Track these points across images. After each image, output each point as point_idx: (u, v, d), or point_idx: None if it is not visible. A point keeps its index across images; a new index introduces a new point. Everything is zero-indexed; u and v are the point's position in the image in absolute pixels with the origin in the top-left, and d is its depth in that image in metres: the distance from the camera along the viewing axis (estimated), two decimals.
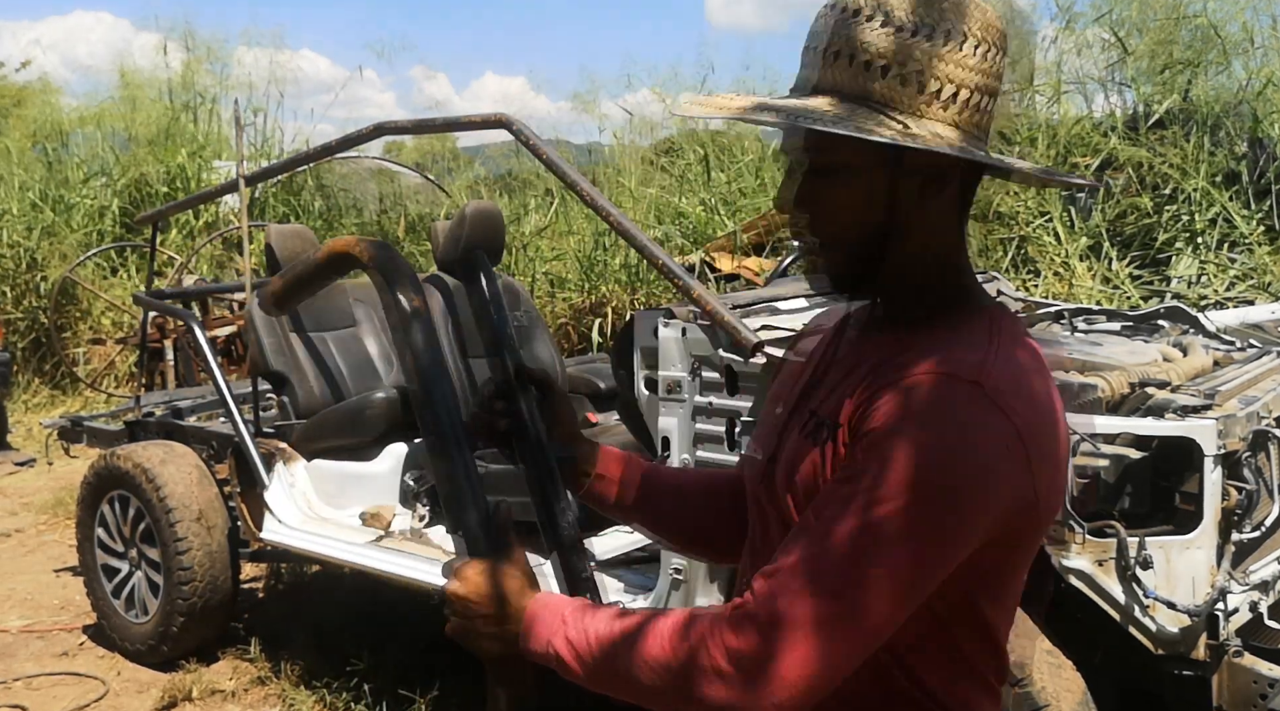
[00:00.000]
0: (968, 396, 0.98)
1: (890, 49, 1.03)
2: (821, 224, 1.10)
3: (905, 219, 1.08)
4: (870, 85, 1.04)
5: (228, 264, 9.54)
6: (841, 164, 1.07)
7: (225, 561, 4.03)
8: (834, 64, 1.05)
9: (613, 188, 8.35)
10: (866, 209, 1.07)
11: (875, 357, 1.08)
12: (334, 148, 4.11)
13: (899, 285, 1.11)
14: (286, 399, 4.16)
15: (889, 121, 1.03)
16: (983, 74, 1.05)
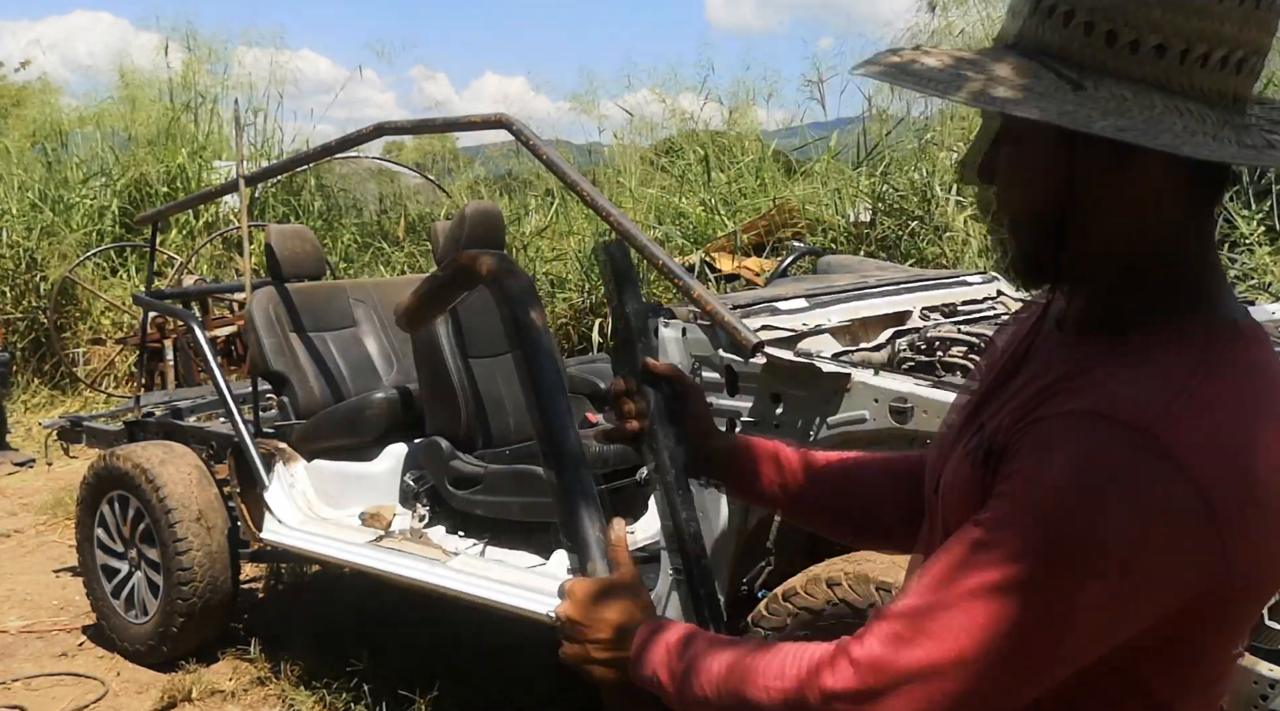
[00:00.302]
0: (1129, 445, 0.81)
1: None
2: (1002, 199, 0.95)
3: (1086, 197, 0.89)
4: (1046, 34, 0.87)
5: (227, 264, 9.54)
6: (1019, 128, 0.91)
7: (225, 561, 4.03)
8: (1020, 8, 0.89)
9: (613, 188, 8.35)
10: (1042, 183, 0.90)
11: (1052, 374, 0.92)
12: (334, 148, 4.11)
13: (1087, 280, 0.94)
14: (286, 399, 4.16)
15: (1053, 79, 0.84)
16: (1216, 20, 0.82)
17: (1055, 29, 0.86)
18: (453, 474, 3.59)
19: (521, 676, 3.78)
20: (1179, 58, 0.83)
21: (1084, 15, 0.84)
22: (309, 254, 4.40)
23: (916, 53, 0.91)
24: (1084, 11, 0.84)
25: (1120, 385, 0.85)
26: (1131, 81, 0.84)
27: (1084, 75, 0.84)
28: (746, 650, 0.96)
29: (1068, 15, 0.85)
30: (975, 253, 5.79)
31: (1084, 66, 0.85)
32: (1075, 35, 0.85)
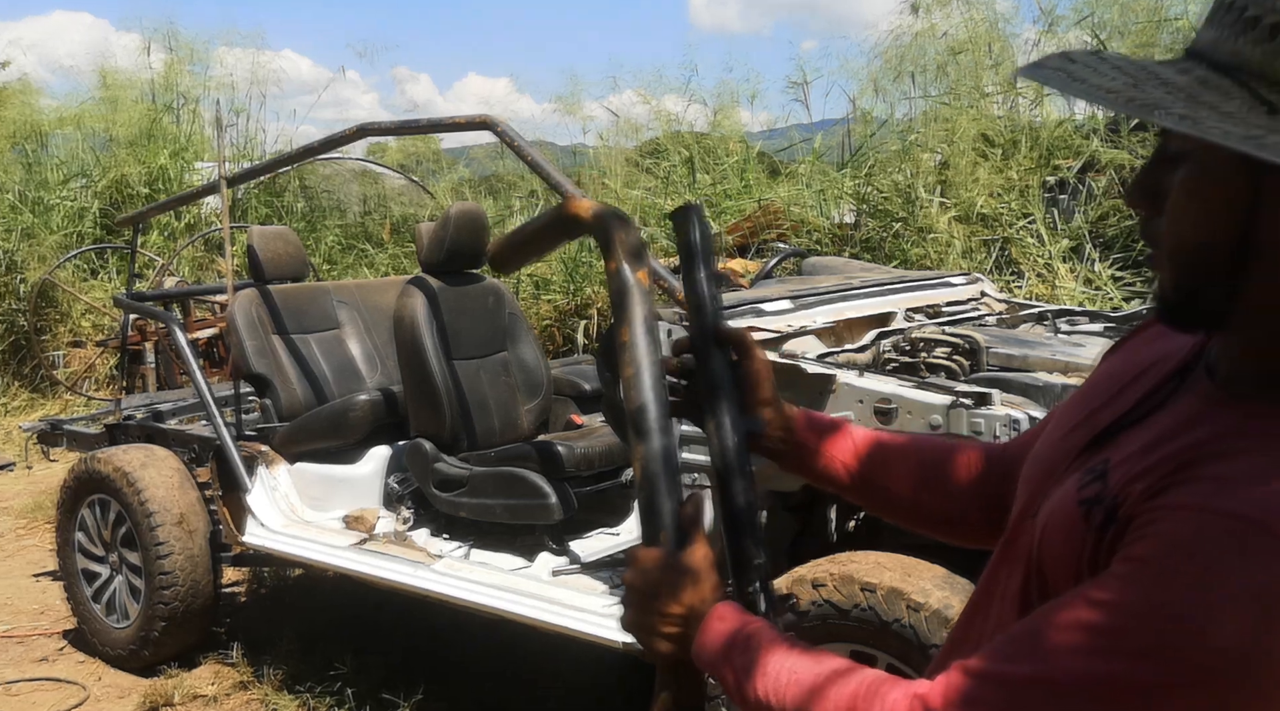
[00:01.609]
0: (1271, 556, 0.71)
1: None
2: (1162, 226, 0.84)
3: (1268, 237, 0.77)
4: (1246, 48, 0.74)
5: (209, 266, 9.49)
6: (1196, 151, 0.79)
7: (207, 565, 4.01)
8: (1223, 17, 0.77)
9: (597, 189, 8.34)
10: (1216, 216, 0.79)
11: (1194, 434, 0.81)
12: (316, 149, 4.09)
13: (1259, 331, 0.81)
14: (269, 401, 4.14)
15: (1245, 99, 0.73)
16: None
17: (1258, 43, 0.74)
18: (437, 476, 3.58)
19: (507, 679, 3.77)
20: None
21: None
22: (291, 255, 4.39)
23: (1091, 57, 0.82)
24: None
25: (1257, 486, 0.74)
26: None
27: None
28: (818, 666, 0.91)
29: (1274, 28, 0.72)
30: (958, 254, 5.82)
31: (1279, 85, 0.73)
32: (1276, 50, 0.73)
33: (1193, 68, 0.78)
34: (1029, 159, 6.36)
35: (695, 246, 1.14)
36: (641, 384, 1.04)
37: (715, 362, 1.11)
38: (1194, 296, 0.83)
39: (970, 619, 1.03)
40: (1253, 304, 0.80)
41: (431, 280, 3.78)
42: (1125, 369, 0.98)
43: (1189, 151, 0.80)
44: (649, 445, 1.03)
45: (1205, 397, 0.86)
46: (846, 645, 2.57)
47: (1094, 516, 0.83)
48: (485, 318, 3.91)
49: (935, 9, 7.96)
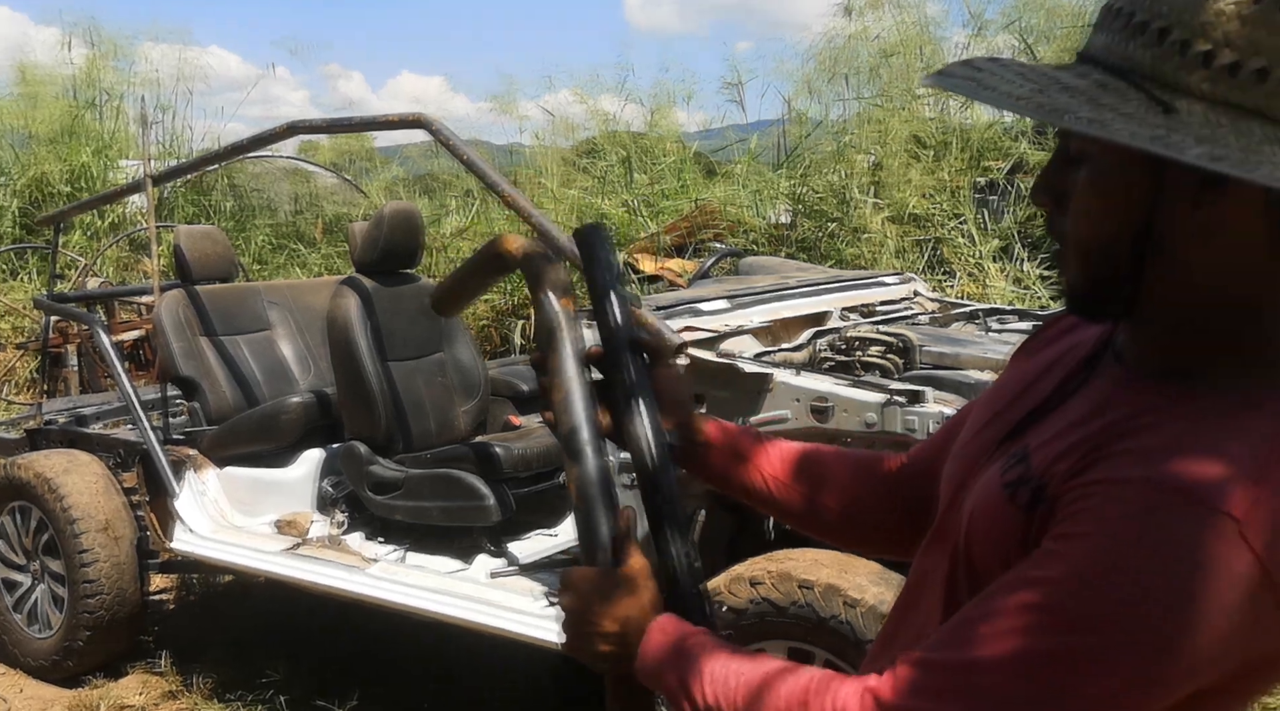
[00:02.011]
0: (1211, 532, 0.74)
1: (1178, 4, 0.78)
2: (1066, 223, 0.88)
3: (1169, 231, 0.82)
4: (1136, 52, 0.79)
5: (134, 266, 9.26)
6: (1098, 152, 0.83)
7: (133, 573, 3.92)
8: (1112, 23, 0.82)
9: (534, 188, 8.31)
10: (1118, 212, 0.83)
11: (1111, 414, 0.85)
12: (245, 147, 4.02)
13: (1157, 319, 0.86)
14: (197, 404, 4.06)
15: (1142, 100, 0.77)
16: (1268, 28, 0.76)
17: (1147, 47, 0.79)
18: (372, 479, 3.54)
19: (443, 684, 3.74)
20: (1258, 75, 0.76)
21: (1181, 33, 0.77)
22: (219, 255, 4.30)
23: (994, 64, 0.84)
24: (1181, 29, 0.77)
25: (1199, 454, 0.77)
26: (1228, 107, 0.76)
27: (1176, 98, 0.77)
28: (764, 666, 0.91)
29: (1162, 32, 0.78)
30: (892, 253, 5.90)
31: (1176, 89, 0.77)
32: (1169, 55, 0.77)
33: (1089, 72, 0.81)
34: (959, 160, 6.48)
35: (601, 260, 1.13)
36: (572, 407, 1.04)
37: (632, 368, 1.09)
38: (1101, 288, 0.87)
39: (903, 614, 1.04)
40: (1156, 293, 0.85)
41: (365, 280, 3.74)
42: (1034, 365, 1.01)
43: (1089, 152, 0.84)
44: (583, 467, 1.03)
45: (1116, 381, 0.89)
46: (784, 642, 2.59)
47: (1019, 497, 0.86)
48: (421, 318, 3.87)
49: (868, 12, 8.07)
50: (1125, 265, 0.84)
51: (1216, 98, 0.77)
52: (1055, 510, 0.81)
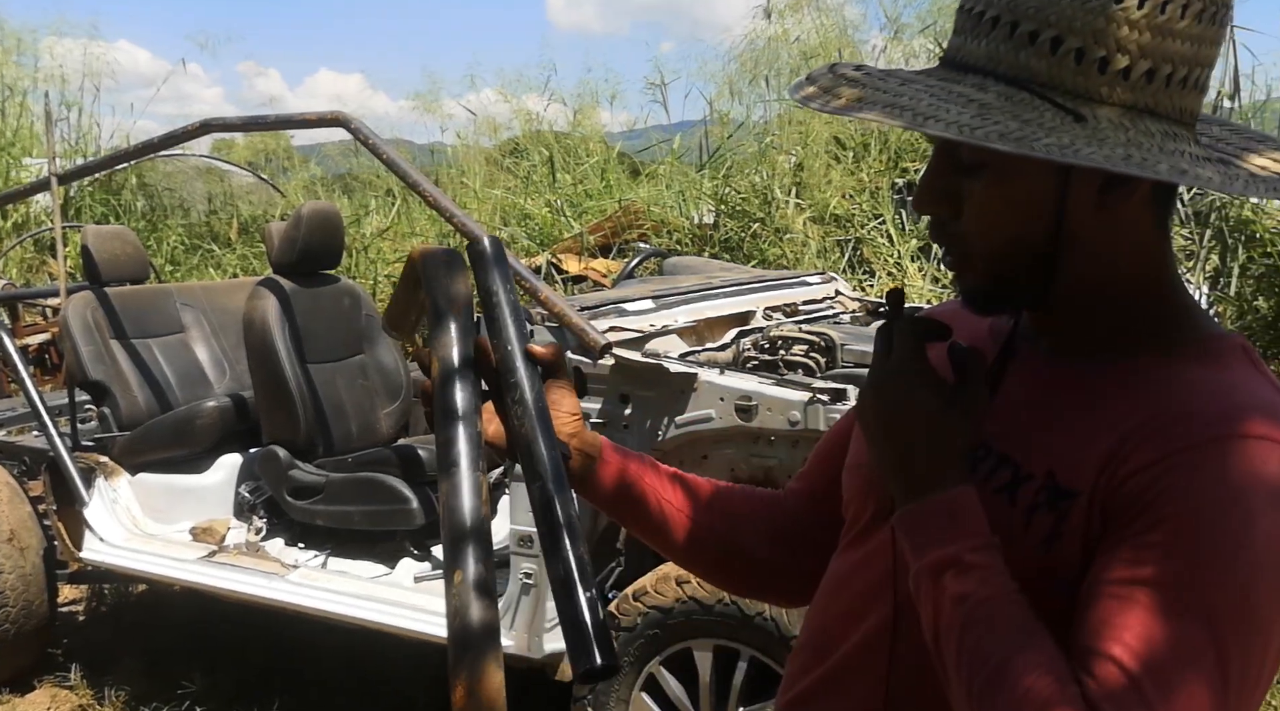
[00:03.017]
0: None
1: (1066, 13, 0.80)
2: (965, 228, 0.89)
3: (1079, 226, 0.86)
4: (1031, 61, 0.82)
5: (40, 268, 8.95)
6: (991, 161, 0.85)
7: (41, 584, 3.80)
8: (990, 32, 0.83)
9: (456, 188, 8.23)
10: (1023, 215, 0.87)
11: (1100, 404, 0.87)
12: (156, 145, 3.93)
13: (1081, 303, 0.90)
14: (108, 410, 3.94)
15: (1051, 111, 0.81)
16: (1192, 41, 0.81)
17: (1040, 56, 0.81)
18: (291, 484, 3.47)
19: (366, 691, 3.69)
20: (1165, 81, 0.82)
21: (1074, 42, 0.80)
22: (130, 256, 4.18)
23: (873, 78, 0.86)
24: (1074, 38, 0.80)
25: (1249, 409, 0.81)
26: (1124, 108, 0.81)
27: (1081, 105, 0.81)
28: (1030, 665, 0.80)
29: (1055, 42, 0.81)
30: (814, 254, 5.98)
31: (1077, 95, 0.81)
32: (1065, 63, 0.81)
33: (987, 84, 0.83)
34: (879, 162, 6.59)
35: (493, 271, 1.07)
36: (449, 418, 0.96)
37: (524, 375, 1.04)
38: (1009, 285, 0.90)
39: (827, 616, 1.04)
40: (1070, 282, 0.89)
41: (283, 281, 3.67)
42: None
43: (989, 160, 0.85)
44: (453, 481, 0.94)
45: (1048, 365, 0.93)
46: (711, 640, 2.60)
47: (1022, 494, 0.87)
48: (341, 319, 3.81)
49: (788, 15, 8.17)
50: (1037, 263, 0.88)
51: (1115, 101, 0.81)
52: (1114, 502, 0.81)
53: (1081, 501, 0.83)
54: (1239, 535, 0.77)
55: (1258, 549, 0.77)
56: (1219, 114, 6.49)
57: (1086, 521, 0.82)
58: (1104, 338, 0.90)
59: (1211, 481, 0.78)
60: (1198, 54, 0.82)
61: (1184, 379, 0.84)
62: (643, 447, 2.61)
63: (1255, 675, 0.78)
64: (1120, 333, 0.90)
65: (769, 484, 2.65)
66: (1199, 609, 0.76)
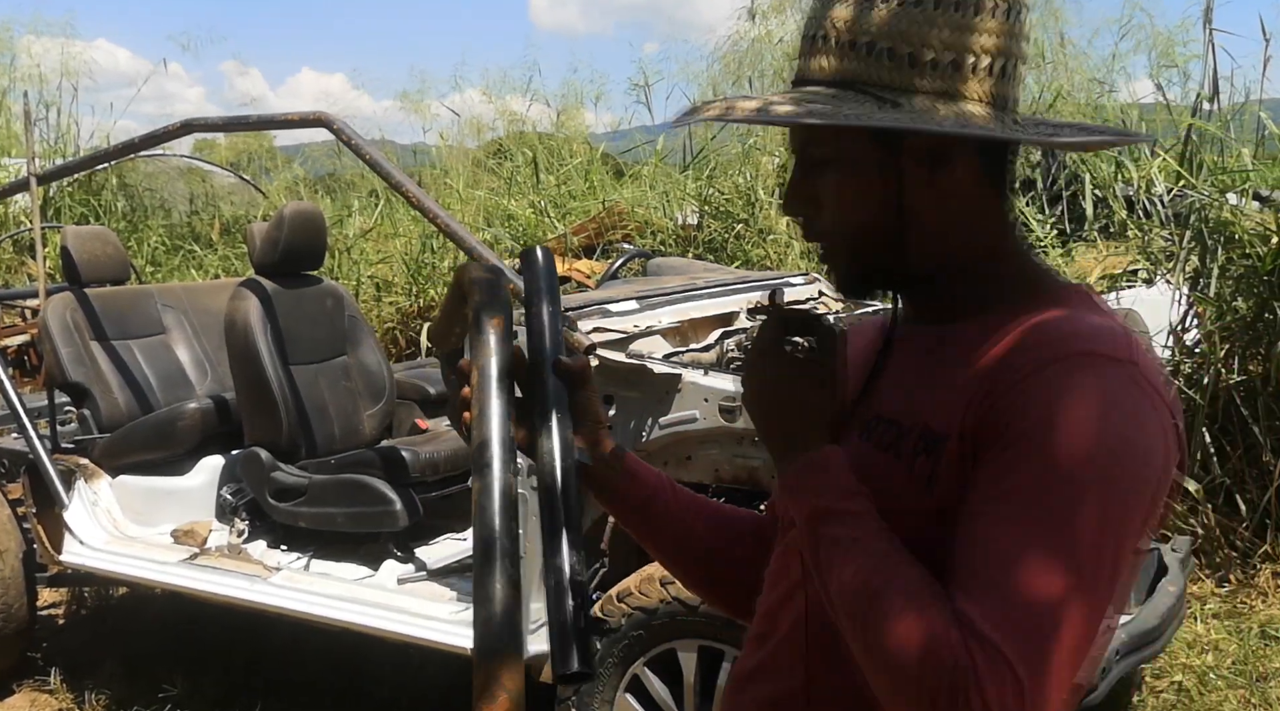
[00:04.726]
0: (1128, 378, 0.89)
1: (875, 21, 0.96)
2: (826, 222, 1.02)
3: (916, 205, 0.98)
4: (856, 65, 0.97)
5: (19, 269, 8.88)
6: (835, 156, 0.99)
7: (20, 587, 3.77)
8: (821, 48, 0.99)
9: (440, 189, 8.21)
10: (869, 200, 0.99)
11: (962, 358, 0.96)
12: (137, 145, 3.91)
13: (935, 274, 1.01)
14: (88, 412, 3.91)
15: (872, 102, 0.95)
16: (992, 35, 0.96)
17: (860, 59, 0.96)
18: (274, 486, 3.45)
19: (350, 694, 3.67)
20: (971, 69, 0.96)
21: (885, 43, 0.95)
22: (110, 256, 4.15)
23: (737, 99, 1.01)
24: (885, 40, 0.95)
25: (1078, 333, 0.92)
26: (934, 95, 0.95)
27: (897, 95, 0.95)
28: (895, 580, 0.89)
29: (869, 46, 0.96)
30: (798, 255, 5.99)
31: (894, 88, 0.96)
32: (881, 63, 0.96)
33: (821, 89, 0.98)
34: None
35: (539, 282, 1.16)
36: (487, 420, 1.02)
37: (550, 387, 1.11)
38: (872, 267, 1.02)
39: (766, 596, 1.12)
40: (921, 257, 1.00)
41: (265, 282, 3.65)
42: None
43: (834, 156, 0.99)
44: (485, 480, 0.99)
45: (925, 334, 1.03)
46: (695, 640, 2.61)
47: (907, 446, 0.96)
48: (323, 320, 3.80)
49: (771, 16, 8.19)
50: (888, 243, 1.00)
51: (924, 90, 0.95)
52: (979, 435, 0.90)
53: (952, 442, 0.92)
54: (1077, 441, 0.86)
55: (1095, 452, 0.85)
56: (1198, 116, 6.56)
57: (960, 458, 0.92)
58: (961, 302, 1.01)
59: (1051, 398, 0.87)
60: (999, 46, 0.96)
61: (1029, 322, 0.94)
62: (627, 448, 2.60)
63: (1110, 566, 0.85)
64: (973, 295, 1.00)
65: (752, 484, 2.66)
66: (1049, 514, 0.85)
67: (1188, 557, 3.21)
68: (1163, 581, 2.97)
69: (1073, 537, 0.84)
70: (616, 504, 1.21)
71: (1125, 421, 0.88)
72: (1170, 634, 2.85)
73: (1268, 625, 3.81)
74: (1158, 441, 0.89)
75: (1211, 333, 4.36)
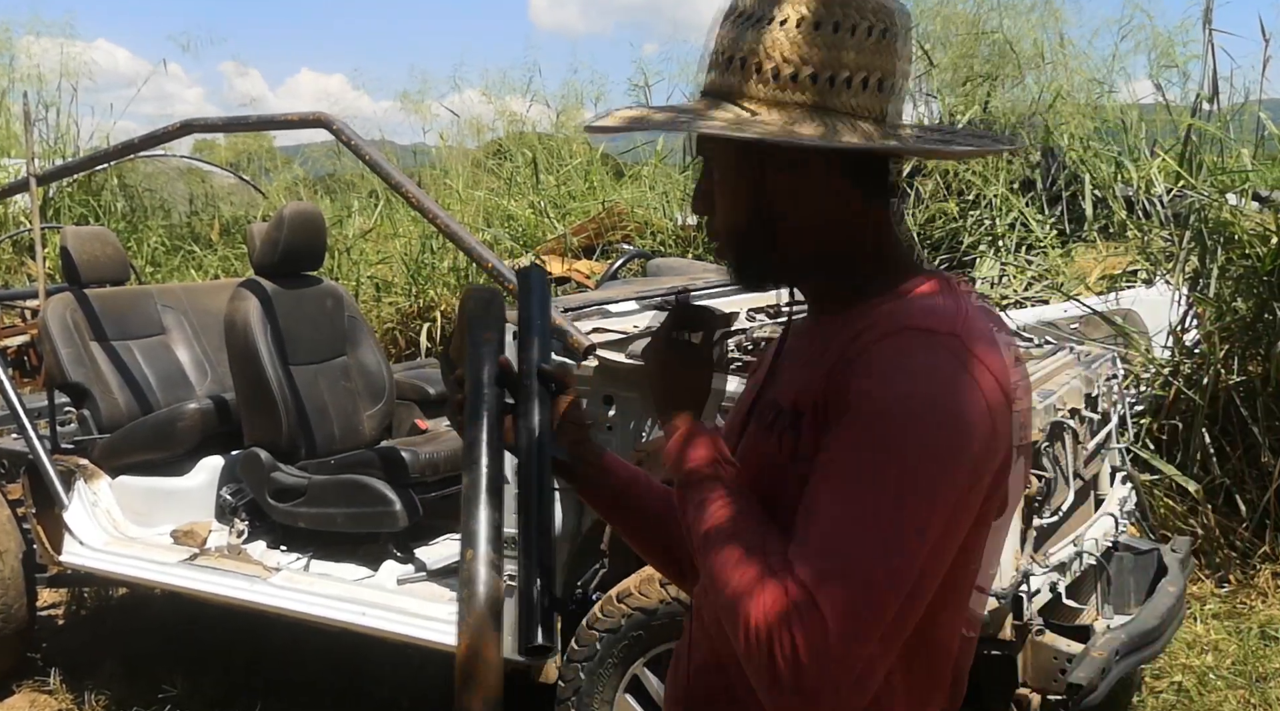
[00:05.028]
0: (950, 349, 0.97)
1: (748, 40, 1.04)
2: (717, 222, 1.13)
3: (782, 203, 1.07)
4: (731, 80, 1.06)
5: (19, 269, 8.88)
6: (717, 161, 1.10)
7: (20, 588, 3.77)
8: (711, 64, 1.09)
9: (439, 190, 8.21)
10: (742, 200, 1.09)
11: (829, 341, 1.06)
12: (137, 146, 3.91)
13: (807, 269, 1.11)
14: (87, 412, 3.91)
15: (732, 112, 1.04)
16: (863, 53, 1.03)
17: (735, 75, 1.06)
18: (274, 486, 3.45)
19: (349, 694, 3.67)
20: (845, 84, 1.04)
21: (755, 60, 1.04)
22: (110, 257, 4.15)
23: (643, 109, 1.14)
24: (755, 57, 1.04)
25: (914, 311, 1.01)
26: (798, 107, 1.04)
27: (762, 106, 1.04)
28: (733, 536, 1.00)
29: (743, 61, 1.05)
30: None
31: (761, 99, 1.05)
32: (750, 76, 1.05)
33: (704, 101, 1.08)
34: None
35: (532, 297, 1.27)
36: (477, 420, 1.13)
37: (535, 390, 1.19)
38: (752, 262, 1.12)
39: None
40: (792, 254, 1.10)
41: (265, 283, 3.65)
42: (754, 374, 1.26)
43: (711, 158, 1.11)
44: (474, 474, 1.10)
45: (809, 331, 1.14)
46: None
47: (779, 426, 1.07)
48: (323, 321, 3.80)
49: None
50: (761, 241, 1.10)
51: (790, 103, 1.04)
52: (828, 406, 1.00)
53: (809, 416, 1.03)
54: (893, 408, 0.95)
55: (906, 418, 0.94)
56: (1198, 116, 6.56)
57: (815, 430, 1.01)
58: (835, 294, 1.10)
59: (877, 369, 0.97)
60: (869, 62, 1.03)
61: (881, 307, 1.04)
62: (626, 449, 2.61)
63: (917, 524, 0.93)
64: (844, 288, 1.09)
65: None
66: (860, 475, 0.94)
67: (1187, 558, 3.21)
68: (1163, 582, 2.97)
69: (880, 497, 0.93)
70: (594, 496, 1.30)
71: (939, 389, 0.95)
72: (1170, 634, 2.86)
73: (1267, 625, 3.81)
74: (974, 410, 0.96)
75: (1211, 333, 4.36)
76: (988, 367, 0.98)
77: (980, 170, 6.28)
